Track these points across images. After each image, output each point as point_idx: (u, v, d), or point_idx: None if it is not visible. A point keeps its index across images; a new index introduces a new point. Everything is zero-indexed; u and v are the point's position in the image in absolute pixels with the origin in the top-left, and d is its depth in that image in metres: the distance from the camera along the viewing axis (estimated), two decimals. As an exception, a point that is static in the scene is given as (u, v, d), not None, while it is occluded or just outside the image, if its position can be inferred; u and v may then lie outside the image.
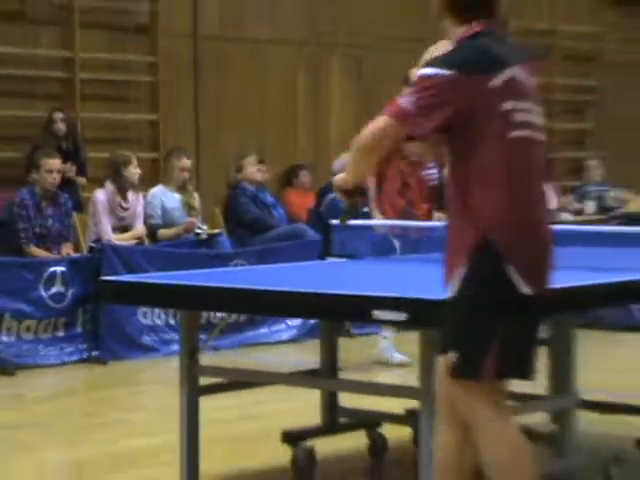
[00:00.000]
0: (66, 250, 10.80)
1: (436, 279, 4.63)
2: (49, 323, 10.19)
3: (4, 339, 9.87)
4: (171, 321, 10.21)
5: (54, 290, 10.22)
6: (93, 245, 11.06)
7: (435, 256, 4.75)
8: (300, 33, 14.59)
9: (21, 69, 12.46)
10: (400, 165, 9.25)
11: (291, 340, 11.18)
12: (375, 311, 5.14)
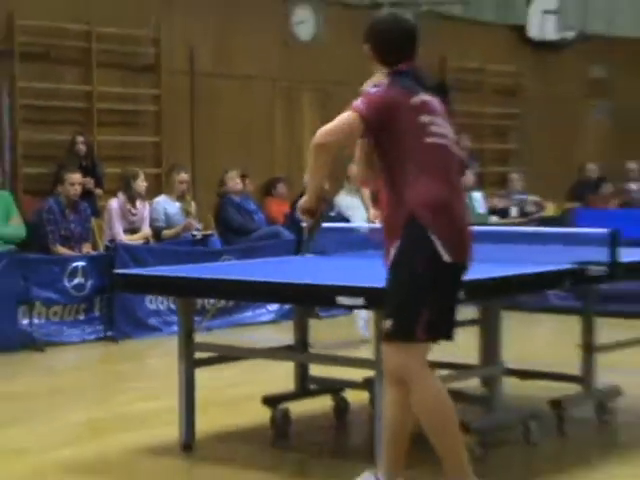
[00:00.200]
0: (86, 249, 10.81)
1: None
2: (72, 308, 10.19)
3: (35, 321, 9.85)
4: (172, 306, 10.19)
5: (76, 281, 10.22)
6: (108, 244, 11.05)
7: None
8: (276, 72, 14.60)
9: (49, 101, 12.42)
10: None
11: (270, 322, 11.17)
12: (338, 297, 5.19)
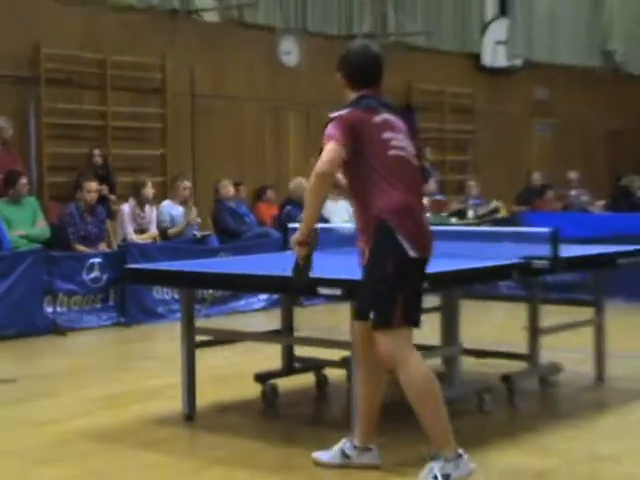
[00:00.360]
0: (101, 247, 10.76)
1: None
2: (90, 298, 10.13)
3: (58, 310, 9.81)
4: (176, 296, 10.15)
5: (93, 275, 10.17)
6: (121, 243, 11.03)
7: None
8: (265, 94, 14.59)
9: (70, 119, 12.36)
10: None
11: (261, 309, 11.12)
12: (319, 288, 5.16)
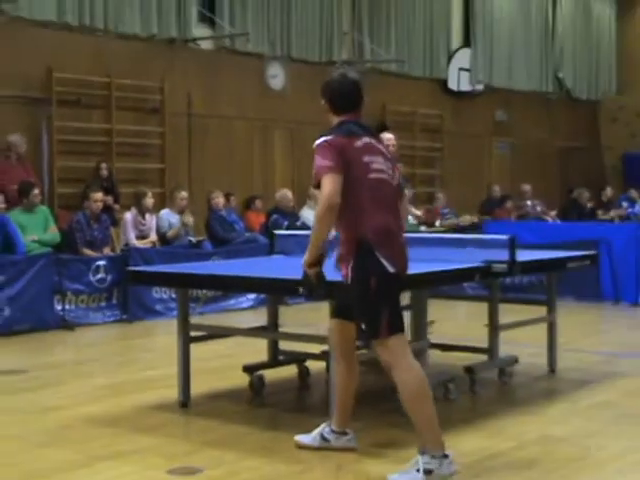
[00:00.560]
0: (106, 251, 10.65)
1: (329, 269, 4.65)
2: (95, 297, 10.07)
3: (67, 307, 9.74)
4: (173, 295, 10.11)
5: (99, 276, 10.11)
6: (123, 248, 10.92)
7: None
8: (254, 114, 14.56)
9: (79, 136, 12.27)
10: None
11: (249, 307, 11.07)
12: (301, 288, 5.13)
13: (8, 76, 11.53)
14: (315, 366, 6.74)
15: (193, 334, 6.14)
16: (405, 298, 6.29)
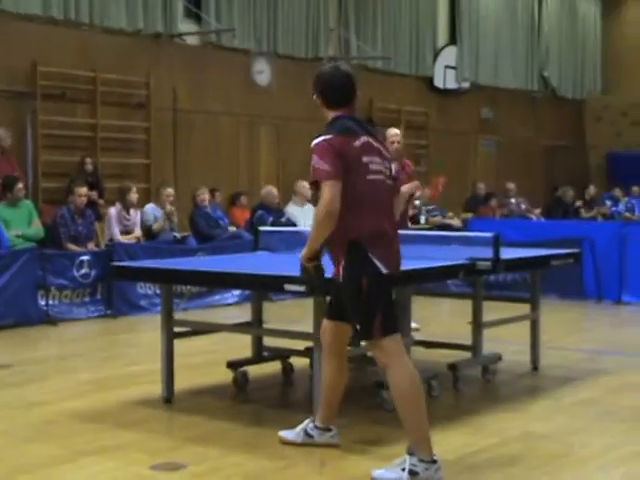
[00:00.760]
0: (90, 246, 10.63)
1: (326, 265, 4.63)
2: (79, 292, 10.03)
3: (51, 302, 9.70)
4: (157, 291, 10.09)
5: (83, 271, 10.07)
6: (108, 243, 10.88)
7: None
8: (240, 109, 14.55)
9: (63, 131, 12.27)
10: None
11: (234, 304, 11.05)
12: (286, 285, 5.15)
13: (-7, 70, 11.52)
14: (299, 362, 6.74)
15: (177, 330, 6.14)
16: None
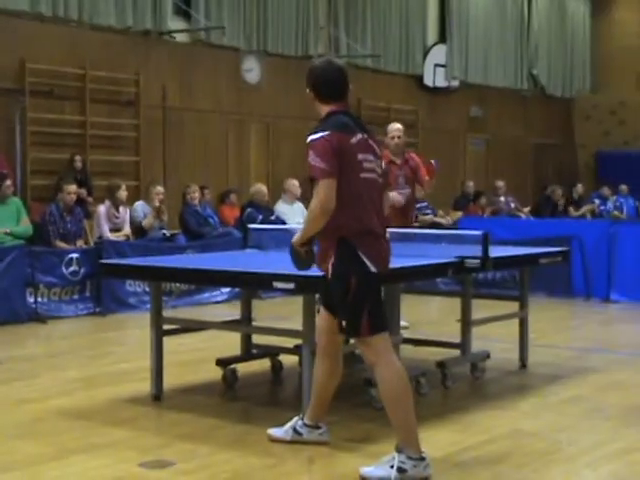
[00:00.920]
0: (79, 243, 10.62)
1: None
2: (68, 290, 10.01)
3: (39, 300, 9.68)
4: (146, 289, 10.08)
5: (72, 269, 10.05)
6: (97, 240, 10.88)
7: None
8: (230, 107, 14.54)
9: (52, 128, 12.24)
10: None
11: (223, 301, 11.06)
12: (275, 282, 5.15)
13: (-19, 67, 11.49)
14: (288, 360, 6.76)
15: (166, 327, 6.13)
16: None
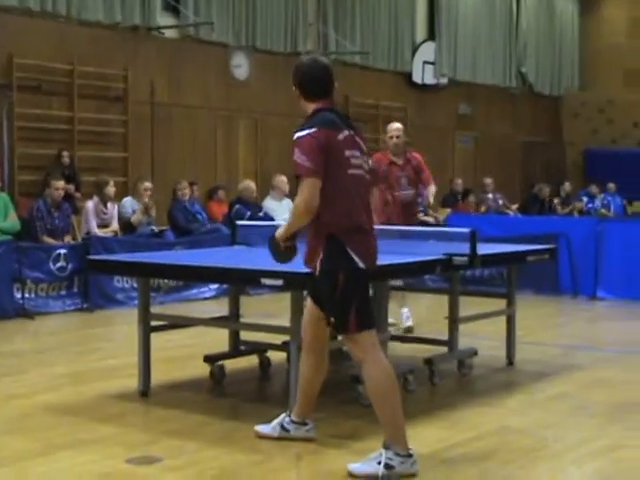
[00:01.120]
0: (67, 239, 10.58)
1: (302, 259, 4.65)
2: (56, 285, 9.99)
3: (27, 296, 9.66)
4: (134, 285, 10.07)
5: (59, 265, 10.02)
6: (85, 236, 10.82)
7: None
8: (218, 103, 14.53)
9: (40, 123, 12.21)
10: (381, 187, 8.41)
11: (211, 297, 11.05)
12: (263, 279, 5.16)
13: (-32, 61, 11.45)
14: (276, 356, 6.76)
15: (154, 323, 6.14)
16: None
